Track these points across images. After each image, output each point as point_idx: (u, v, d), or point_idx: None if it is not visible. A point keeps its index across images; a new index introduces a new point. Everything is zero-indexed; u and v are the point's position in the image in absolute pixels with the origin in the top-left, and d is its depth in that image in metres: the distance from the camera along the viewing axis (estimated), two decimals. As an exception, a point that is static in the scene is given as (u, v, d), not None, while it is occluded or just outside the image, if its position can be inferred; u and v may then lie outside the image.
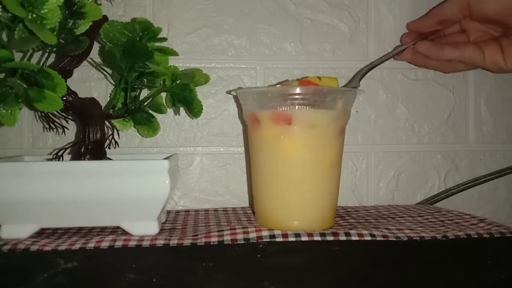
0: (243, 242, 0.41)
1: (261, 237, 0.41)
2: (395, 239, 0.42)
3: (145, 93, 0.52)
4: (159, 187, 0.41)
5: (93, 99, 0.46)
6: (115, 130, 0.49)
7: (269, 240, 0.41)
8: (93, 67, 0.55)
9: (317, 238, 0.41)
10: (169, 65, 0.51)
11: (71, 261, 0.35)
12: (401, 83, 0.62)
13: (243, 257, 0.37)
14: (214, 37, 0.59)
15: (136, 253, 0.38)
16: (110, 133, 0.48)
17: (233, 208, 0.57)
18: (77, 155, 0.45)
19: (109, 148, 0.48)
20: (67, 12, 0.41)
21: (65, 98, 0.43)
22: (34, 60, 0.43)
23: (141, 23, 0.46)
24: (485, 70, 0.56)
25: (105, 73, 0.54)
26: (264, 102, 0.45)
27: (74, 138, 0.56)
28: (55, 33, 0.40)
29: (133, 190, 0.41)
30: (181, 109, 0.54)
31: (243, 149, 0.60)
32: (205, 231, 0.44)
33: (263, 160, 0.46)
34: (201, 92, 0.55)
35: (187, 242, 0.40)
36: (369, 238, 0.42)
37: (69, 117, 0.48)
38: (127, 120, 0.52)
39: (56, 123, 0.46)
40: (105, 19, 0.44)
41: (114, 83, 0.51)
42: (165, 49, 0.48)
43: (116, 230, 0.45)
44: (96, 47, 0.53)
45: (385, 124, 0.62)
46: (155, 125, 0.53)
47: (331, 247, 0.40)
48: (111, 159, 0.45)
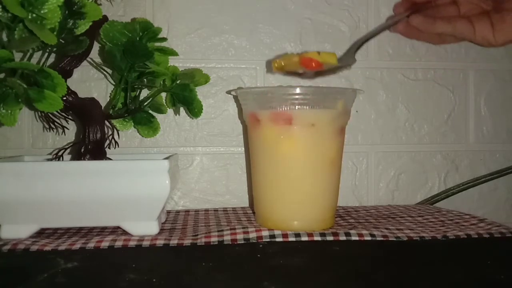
0: (243, 242, 0.41)
1: (261, 237, 0.41)
2: (395, 239, 0.42)
3: (145, 93, 0.52)
4: (159, 187, 0.41)
5: (93, 99, 0.46)
6: (115, 130, 0.50)
7: (269, 240, 0.41)
8: (93, 67, 0.55)
9: (317, 238, 0.41)
10: (169, 65, 0.51)
11: (71, 261, 0.35)
12: (401, 83, 0.62)
13: (243, 257, 0.37)
14: (214, 37, 0.59)
15: (136, 253, 0.38)
16: (110, 133, 0.48)
17: (233, 208, 0.57)
18: (77, 155, 0.45)
19: (109, 148, 0.48)
20: (67, 12, 0.41)
21: (65, 98, 0.43)
22: (34, 60, 0.43)
23: (141, 23, 0.46)
24: (474, 44, 0.56)
25: (105, 73, 0.54)
26: (264, 102, 0.45)
27: (74, 138, 0.56)
28: (55, 33, 0.40)
29: (133, 190, 0.41)
30: (181, 109, 0.54)
31: (243, 149, 0.60)
32: (205, 231, 0.44)
33: (263, 160, 0.46)
34: (201, 92, 0.55)
35: (187, 242, 0.40)
36: (369, 238, 0.42)
37: (69, 117, 0.49)
38: (127, 120, 0.52)
39: (56, 123, 0.46)
40: (105, 19, 0.45)
41: (114, 83, 0.51)
42: (165, 49, 0.48)
43: (116, 230, 0.45)
44: (96, 47, 0.53)
45: (385, 124, 0.62)
46: (155, 125, 0.53)
47: (331, 247, 0.40)
48: (111, 159, 0.45)
